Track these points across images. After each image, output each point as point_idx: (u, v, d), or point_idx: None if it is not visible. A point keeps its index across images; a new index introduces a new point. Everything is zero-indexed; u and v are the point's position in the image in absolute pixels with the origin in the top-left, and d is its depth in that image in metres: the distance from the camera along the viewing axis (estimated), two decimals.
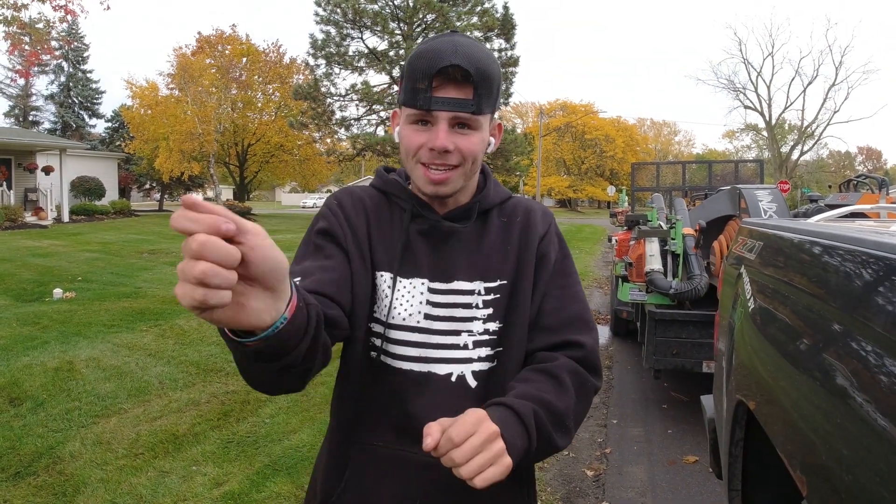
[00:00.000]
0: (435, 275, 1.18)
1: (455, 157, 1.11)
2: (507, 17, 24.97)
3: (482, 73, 1.08)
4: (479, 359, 1.16)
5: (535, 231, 1.25)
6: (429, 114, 1.09)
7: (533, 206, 1.30)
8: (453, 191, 1.15)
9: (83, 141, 34.11)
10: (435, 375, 1.15)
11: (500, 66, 8.73)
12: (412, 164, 1.14)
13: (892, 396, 0.89)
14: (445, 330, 1.16)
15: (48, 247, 14.64)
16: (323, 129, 27.77)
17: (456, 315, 1.16)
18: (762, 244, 2.05)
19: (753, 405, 1.70)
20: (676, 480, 3.98)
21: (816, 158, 60.64)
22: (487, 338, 1.17)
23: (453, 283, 1.17)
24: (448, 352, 1.16)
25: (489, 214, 1.25)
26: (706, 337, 4.61)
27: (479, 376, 1.16)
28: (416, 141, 1.11)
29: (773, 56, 75.65)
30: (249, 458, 3.88)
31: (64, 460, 3.81)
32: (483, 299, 1.18)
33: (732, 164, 11.79)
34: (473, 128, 1.11)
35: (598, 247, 20.96)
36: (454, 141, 1.09)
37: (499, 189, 1.29)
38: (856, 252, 1.24)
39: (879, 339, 0.99)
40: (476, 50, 1.09)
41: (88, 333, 6.71)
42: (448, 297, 1.17)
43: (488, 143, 1.18)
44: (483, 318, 1.17)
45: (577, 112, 60.10)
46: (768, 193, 4.98)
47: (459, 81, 1.07)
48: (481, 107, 1.10)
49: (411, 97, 1.09)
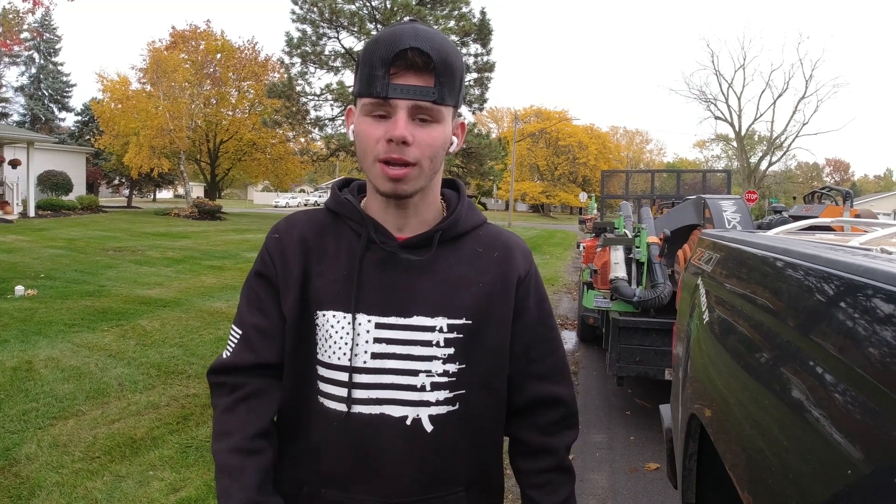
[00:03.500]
0: (387, 309, 1.08)
1: (414, 152, 1.01)
2: (483, 22, 25.02)
3: (444, 60, 1.00)
4: (438, 402, 1.08)
5: (513, 270, 1.16)
6: (386, 102, 1.00)
7: (513, 242, 1.21)
8: (413, 190, 1.05)
9: (52, 134, 33.53)
10: (388, 418, 1.07)
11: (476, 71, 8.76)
12: (370, 163, 1.04)
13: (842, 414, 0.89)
14: (399, 369, 1.07)
15: (12, 242, 14.33)
16: (297, 129, 27.59)
17: (413, 353, 1.07)
18: (719, 256, 2.07)
19: (706, 418, 1.70)
20: (637, 488, 4.01)
21: (785, 169, 61.74)
22: (447, 380, 1.09)
23: (412, 319, 1.08)
24: (403, 393, 1.07)
25: (461, 241, 1.15)
26: (668, 345, 4.65)
27: (436, 420, 1.08)
28: (374, 134, 1.01)
29: (745, 68, 76.96)
30: (208, 464, 3.81)
31: (20, 462, 3.72)
32: (444, 337, 1.08)
33: (700, 174, 11.97)
34: (435, 120, 1.02)
35: (568, 252, 21.14)
36: (413, 132, 1.00)
37: (473, 212, 1.19)
38: (809, 269, 1.23)
39: (828, 358, 0.99)
40: (438, 36, 1.01)
41: (49, 332, 6.57)
42: (403, 333, 1.08)
43: (451, 142, 1.09)
44: (443, 358, 1.08)
45: (552, 118, 60.59)
46: (732, 204, 5.05)
47: (420, 68, 0.99)
48: (443, 96, 1.01)
49: (367, 85, 1.00)
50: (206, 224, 24.21)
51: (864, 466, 0.79)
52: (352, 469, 1.08)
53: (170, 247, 15.26)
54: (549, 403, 1.22)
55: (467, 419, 1.11)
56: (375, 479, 1.07)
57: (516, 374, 1.19)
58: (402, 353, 1.07)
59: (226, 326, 7.31)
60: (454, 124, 1.10)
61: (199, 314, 7.89)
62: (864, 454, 0.80)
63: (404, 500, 1.08)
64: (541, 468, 1.21)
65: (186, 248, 15.33)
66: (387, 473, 1.07)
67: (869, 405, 0.83)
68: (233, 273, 11.48)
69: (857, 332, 0.93)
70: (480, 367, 1.12)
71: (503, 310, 1.14)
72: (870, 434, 0.81)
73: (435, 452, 1.08)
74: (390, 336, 1.08)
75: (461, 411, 1.10)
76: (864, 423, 0.83)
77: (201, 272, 11.48)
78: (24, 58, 41.88)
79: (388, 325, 1.08)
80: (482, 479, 1.17)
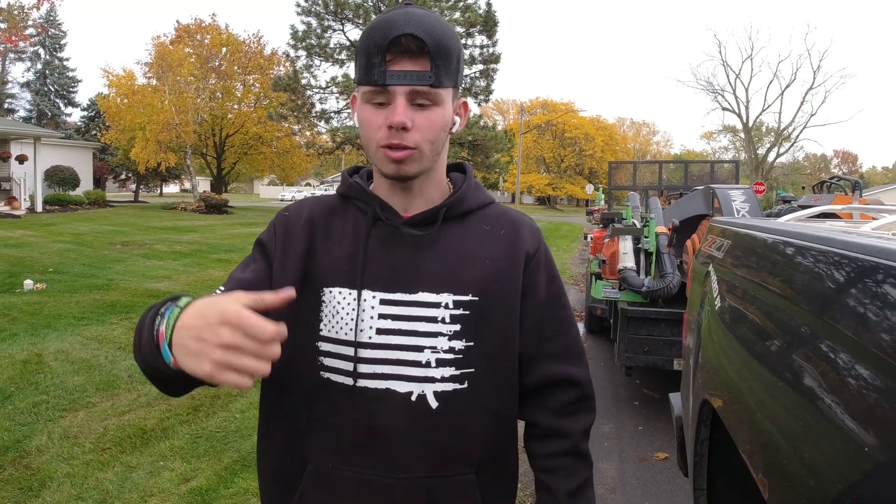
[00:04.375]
0: (392, 285, 1.09)
1: (414, 136, 1.02)
2: (489, 13, 24.93)
3: (438, 44, 1.01)
4: (443, 378, 1.08)
5: (521, 246, 1.16)
6: (385, 90, 1.01)
7: (521, 219, 1.20)
8: (418, 171, 1.06)
9: (58, 130, 33.60)
10: (394, 393, 1.07)
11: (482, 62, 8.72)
12: (374, 149, 1.05)
13: (857, 400, 0.88)
14: (404, 345, 1.07)
15: (20, 237, 14.40)
16: (302, 122, 27.59)
17: (418, 329, 1.08)
18: (730, 243, 2.06)
19: (718, 404, 1.70)
20: (646, 477, 4.01)
21: (792, 161, 61.45)
22: (452, 357, 1.08)
23: (417, 295, 1.08)
24: (408, 369, 1.07)
25: (468, 218, 1.16)
26: (677, 335, 4.64)
27: (441, 397, 1.08)
28: (375, 121, 1.03)
29: (752, 59, 76.80)
30: (218, 454, 3.84)
31: (31, 454, 3.75)
32: (450, 313, 1.08)
33: (708, 165, 11.91)
34: (434, 102, 1.03)
35: (575, 244, 21.10)
36: (412, 117, 1.02)
37: (479, 192, 1.20)
38: (823, 251, 1.22)
39: (844, 341, 0.98)
40: (432, 19, 1.02)
41: (58, 326, 6.61)
42: (409, 309, 1.08)
43: (453, 122, 1.10)
44: (449, 335, 1.08)
45: (558, 110, 60.34)
46: (742, 193, 5.01)
47: (414, 53, 1.00)
48: (440, 79, 1.02)
49: (365, 73, 1.02)
50: (213, 218, 24.26)
51: (878, 450, 0.78)
52: (357, 443, 1.08)
53: (177, 241, 15.31)
54: (562, 384, 1.19)
55: (476, 398, 1.10)
56: (381, 454, 1.07)
57: (527, 353, 1.17)
58: (406, 329, 1.08)
59: None
60: (455, 104, 1.11)
61: None
62: (877, 438, 0.80)
63: (409, 475, 1.07)
64: (554, 451, 1.19)
65: (194, 241, 15.38)
66: (392, 449, 1.07)
67: (883, 388, 0.82)
68: None
69: (872, 316, 0.92)
70: (488, 344, 1.11)
71: (511, 287, 1.14)
72: (884, 418, 0.80)
73: (440, 430, 1.08)
74: (395, 312, 1.08)
75: (469, 390, 1.09)
76: (878, 406, 0.82)
77: (209, 265, 11.52)
78: (30, 53, 42.05)
79: (393, 301, 1.08)
80: (494, 462, 1.15)
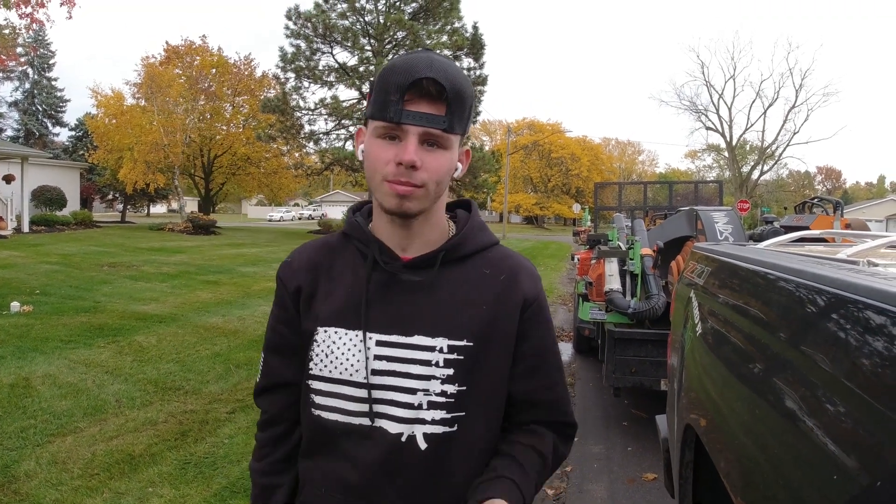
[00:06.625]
0: (390, 327, 1.11)
1: (422, 175, 1.04)
2: (476, 36, 25.21)
3: (456, 91, 1.04)
4: (433, 421, 1.09)
5: (519, 293, 1.17)
6: (398, 127, 1.03)
7: (521, 264, 1.21)
8: (418, 209, 1.08)
9: (46, 149, 33.39)
10: (385, 433, 1.10)
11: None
12: (377, 182, 1.07)
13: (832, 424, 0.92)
14: (397, 387, 1.10)
15: (7, 258, 14.27)
16: (291, 143, 27.66)
17: (412, 372, 1.10)
18: (709, 269, 2.11)
19: (700, 428, 1.74)
20: (636, 498, 4.03)
21: (776, 178, 62.01)
22: (444, 400, 1.10)
23: (413, 338, 1.10)
24: (399, 410, 1.09)
25: (468, 262, 1.17)
26: (664, 355, 4.68)
27: (431, 439, 1.09)
28: (384, 156, 1.05)
29: (735, 79, 77.45)
30: (207, 480, 3.83)
31: (19, 480, 3.72)
32: (444, 357, 1.10)
33: (693, 185, 12.07)
34: (443, 146, 1.06)
35: (562, 263, 21.16)
36: (422, 158, 1.04)
37: (482, 233, 1.21)
38: (795, 282, 1.27)
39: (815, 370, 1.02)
40: (451, 68, 1.05)
41: (45, 349, 6.57)
42: (404, 351, 1.10)
43: (456, 168, 1.13)
44: (442, 379, 1.10)
45: (545, 131, 60.89)
46: (724, 215, 5.10)
47: (433, 97, 1.03)
48: (453, 125, 1.05)
49: (381, 109, 1.04)
50: (201, 238, 24.15)
51: (853, 473, 0.83)
52: (346, 479, 1.12)
53: (165, 262, 15.22)
54: (547, 424, 1.23)
55: (466, 442, 1.12)
56: (369, 492, 1.11)
57: (516, 397, 1.20)
58: (401, 371, 1.10)
59: (222, 342, 7.33)
60: (460, 151, 1.14)
61: (195, 329, 7.90)
62: (853, 461, 0.84)
63: None
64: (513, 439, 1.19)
65: (181, 263, 15.29)
66: (380, 487, 1.10)
67: (856, 414, 0.87)
68: (228, 288, 11.43)
69: (843, 343, 0.97)
70: (480, 389, 1.12)
71: (506, 332, 1.15)
72: (858, 441, 0.84)
73: (427, 471, 1.10)
74: (391, 354, 1.10)
75: (459, 433, 1.11)
76: (852, 430, 0.87)
77: (197, 287, 11.46)
78: (18, 73, 41.88)
79: (390, 342, 1.11)
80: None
